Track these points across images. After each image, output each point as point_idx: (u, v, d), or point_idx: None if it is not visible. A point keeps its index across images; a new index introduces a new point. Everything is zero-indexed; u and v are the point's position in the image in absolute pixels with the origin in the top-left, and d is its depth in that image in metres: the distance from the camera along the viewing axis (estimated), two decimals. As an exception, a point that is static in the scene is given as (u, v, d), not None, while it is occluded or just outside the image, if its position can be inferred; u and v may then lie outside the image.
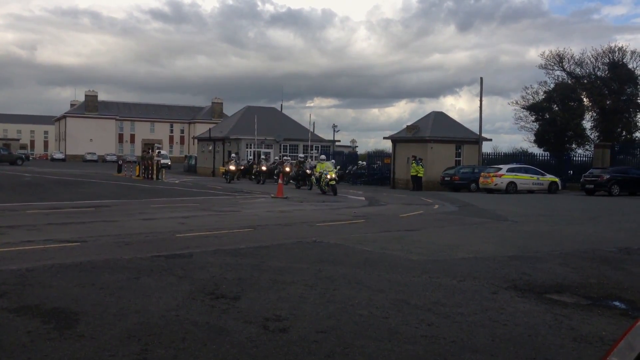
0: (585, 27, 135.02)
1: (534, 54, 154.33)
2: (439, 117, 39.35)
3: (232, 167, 36.61)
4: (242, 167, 38.51)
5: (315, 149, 49.80)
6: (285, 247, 10.18)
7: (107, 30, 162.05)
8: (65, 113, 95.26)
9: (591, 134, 46.63)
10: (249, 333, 5.16)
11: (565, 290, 7.28)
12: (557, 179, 32.30)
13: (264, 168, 36.28)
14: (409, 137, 37.85)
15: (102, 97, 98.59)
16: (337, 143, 55.30)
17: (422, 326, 5.52)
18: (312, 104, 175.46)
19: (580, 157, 41.04)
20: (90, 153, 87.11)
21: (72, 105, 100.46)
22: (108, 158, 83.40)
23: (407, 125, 39.11)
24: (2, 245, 9.54)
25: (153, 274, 7.52)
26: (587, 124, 47.07)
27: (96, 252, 9.13)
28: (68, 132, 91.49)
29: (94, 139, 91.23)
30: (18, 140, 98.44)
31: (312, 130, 51.94)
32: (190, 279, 7.27)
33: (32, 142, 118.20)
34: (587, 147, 45.44)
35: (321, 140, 53.75)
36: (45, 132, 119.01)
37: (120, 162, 49.10)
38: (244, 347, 4.80)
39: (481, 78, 38.07)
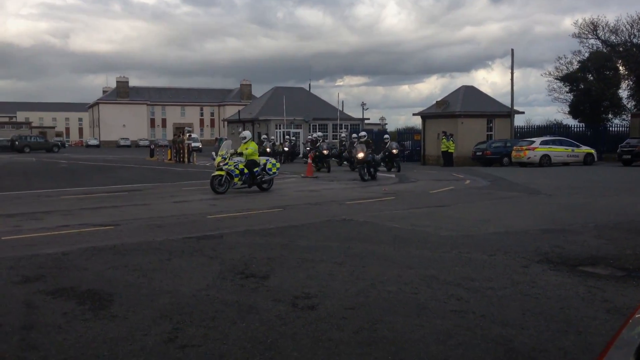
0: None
1: (569, 23, 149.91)
2: (469, 92, 38.71)
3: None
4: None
5: (345, 128, 49.62)
6: (314, 226, 10.21)
7: (138, 15, 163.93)
8: (97, 100, 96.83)
9: (628, 104, 45.33)
10: (278, 311, 5.20)
11: (599, 263, 7.14)
12: (592, 151, 31.55)
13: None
14: (439, 112, 37.38)
15: (134, 82, 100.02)
16: (366, 121, 54.97)
17: (451, 301, 5.49)
18: (341, 83, 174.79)
19: (617, 127, 40.01)
20: (123, 138, 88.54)
21: (104, 91, 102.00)
22: (141, 143, 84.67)
23: (437, 101, 38.58)
24: (39, 230, 9.80)
25: (184, 255, 7.63)
26: (624, 93, 45.77)
27: (129, 235, 9.30)
28: (101, 119, 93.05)
29: (127, 125, 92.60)
30: (54, 127, 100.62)
31: (340, 109, 51.72)
32: (221, 259, 7.36)
33: (67, 130, 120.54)
34: (624, 117, 44.22)
35: (350, 118, 53.47)
36: (80, 119, 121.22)
37: (152, 146, 49.74)
38: (273, 324, 4.85)
39: (512, 50, 37.24)
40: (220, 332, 4.67)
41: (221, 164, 16.64)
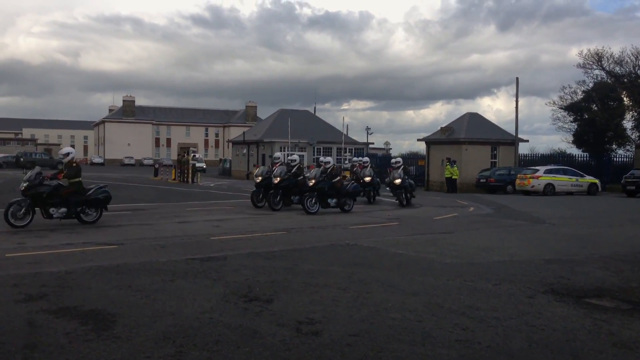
0: (629, 25, 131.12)
1: (575, 53, 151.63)
2: (474, 119, 38.86)
3: None
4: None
5: (349, 152, 49.77)
6: (318, 250, 10.18)
7: (148, 36, 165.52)
8: (103, 118, 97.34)
9: (632, 134, 45.34)
10: (281, 336, 5.17)
11: (605, 295, 7.09)
12: (596, 181, 31.52)
13: None
14: (443, 138, 37.48)
15: (142, 102, 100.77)
16: (370, 145, 55.14)
17: (456, 330, 5.45)
18: (347, 107, 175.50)
19: (621, 157, 40.00)
20: (128, 157, 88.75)
21: (110, 110, 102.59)
22: (145, 162, 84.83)
23: (442, 127, 38.72)
24: (43, 248, 9.79)
25: (188, 277, 7.61)
26: (628, 124, 45.80)
27: (133, 255, 9.28)
28: (107, 137, 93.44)
29: (132, 144, 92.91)
30: (59, 145, 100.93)
31: (345, 132, 51.93)
32: (224, 282, 7.33)
33: (73, 147, 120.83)
34: (628, 147, 44.24)
35: (355, 142, 53.66)
36: (85, 137, 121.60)
37: (156, 165, 49.83)
38: (277, 350, 4.81)
39: (517, 78, 37.46)
40: (224, 356, 4.64)
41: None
